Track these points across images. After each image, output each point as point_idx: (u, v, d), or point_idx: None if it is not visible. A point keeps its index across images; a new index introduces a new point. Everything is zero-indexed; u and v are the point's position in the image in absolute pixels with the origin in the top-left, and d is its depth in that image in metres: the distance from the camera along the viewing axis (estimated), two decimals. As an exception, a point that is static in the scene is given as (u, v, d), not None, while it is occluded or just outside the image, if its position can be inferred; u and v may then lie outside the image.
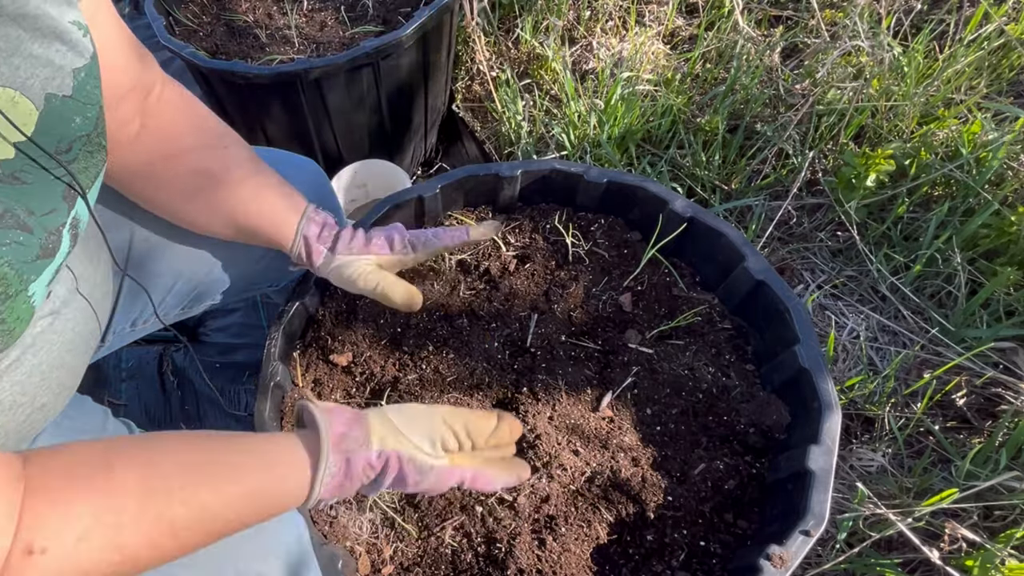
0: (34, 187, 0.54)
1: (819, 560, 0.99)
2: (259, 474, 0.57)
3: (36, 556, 0.44)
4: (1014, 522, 0.96)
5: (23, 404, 0.62)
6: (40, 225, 0.55)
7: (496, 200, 1.06)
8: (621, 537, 0.79)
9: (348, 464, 0.60)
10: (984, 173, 1.22)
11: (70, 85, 0.57)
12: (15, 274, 0.53)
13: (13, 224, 0.52)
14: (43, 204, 0.55)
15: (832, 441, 0.75)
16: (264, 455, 0.58)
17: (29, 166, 0.54)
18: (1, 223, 0.51)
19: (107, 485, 0.48)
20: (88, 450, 0.51)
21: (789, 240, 1.38)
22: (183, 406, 1.42)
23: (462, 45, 1.78)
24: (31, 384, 0.62)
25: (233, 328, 1.50)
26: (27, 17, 0.53)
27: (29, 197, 0.54)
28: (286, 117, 1.43)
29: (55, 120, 0.56)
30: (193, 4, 1.56)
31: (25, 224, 0.53)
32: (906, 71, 1.39)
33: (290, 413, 0.87)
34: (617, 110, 1.47)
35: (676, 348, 0.91)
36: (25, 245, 0.53)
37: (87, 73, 0.59)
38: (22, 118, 0.53)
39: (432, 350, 0.91)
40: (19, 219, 0.53)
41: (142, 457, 0.52)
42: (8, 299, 0.52)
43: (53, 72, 0.55)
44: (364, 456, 0.61)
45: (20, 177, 0.53)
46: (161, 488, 0.51)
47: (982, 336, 1.14)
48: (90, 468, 0.49)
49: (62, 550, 0.45)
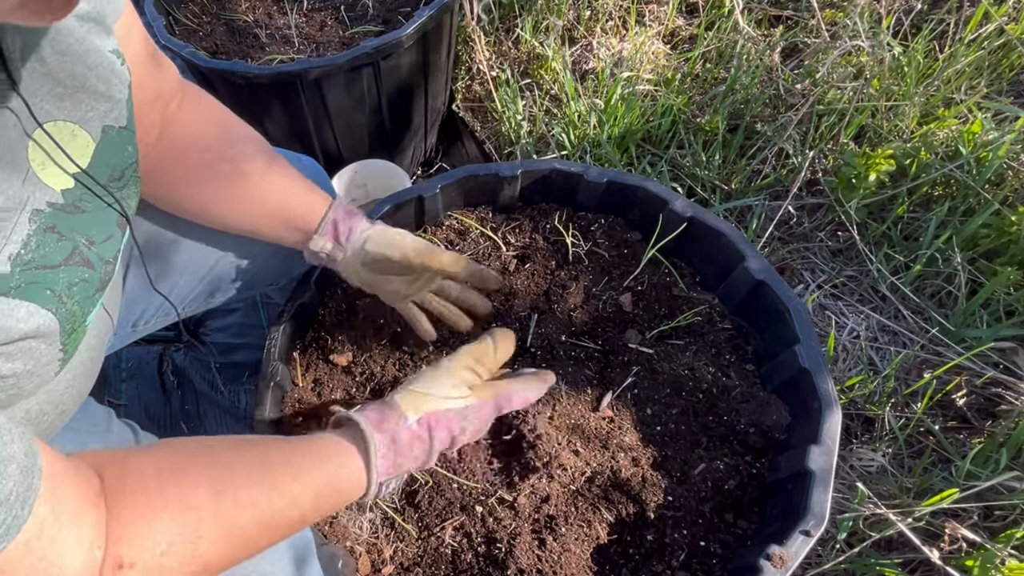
0: (93, 215, 0.57)
1: (819, 560, 0.99)
2: (316, 470, 0.59)
3: (126, 570, 0.47)
4: (1014, 522, 0.96)
5: (48, 412, 0.64)
6: (98, 257, 0.58)
7: (496, 200, 1.06)
8: (621, 537, 0.79)
9: (394, 442, 0.63)
10: (984, 173, 1.22)
11: (125, 116, 0.60)
12: (80, 310, 0.55)
13: (79, 262, 0.55)
14: (101, 232, 0.58)
15: (832, 441, 0.75)
16: (313, 452, 0.60)
17: (87, 195, 0.56)
18: (70, 262, 0.54)
19: (182, 500, 0.51)
20: (153, 461, 0.54)
21: (789, 240, 1.38)
22: (183, 406, 1.42)
23: (462, 45, 1.78)
24: (57, 393, 0.64)
25: (233, 328, 1.50)
26: (90, 54, 0.55)
27: (89, 225, 0.57)
28: (286, 117, 1.43)
29: (111, 150, 0.59)
30: (193, 4, 1.55)
31: (88, 260, 0.56)
32: (906, 71, 1.39)
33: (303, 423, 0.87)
34: (617, 110, 1.47)
35: (676, 348, 0.91)
36: (89, 282, 0.56)
37: (130, 101, 0.61)
38: (80, 150, 0.55)
39: (432, 350, 0.91)
40: (83, 256, 0.56)
41: (207, 467, 0.54)
42: (73, 333, 0.55)
43: (112, 106, 0.58)
44: (406, 430, 0.64)
45: (80, 206, 0.56)
46: (231, 496, 0.53)
47: (982, 336, 1.14)
48: (162, 483, 0.51)
49: (148, 564, 0.48)
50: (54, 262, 0.52)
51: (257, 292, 1.05)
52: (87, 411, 0.80)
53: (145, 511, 0.49)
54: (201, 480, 0.53)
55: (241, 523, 0.53)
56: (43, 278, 0.50)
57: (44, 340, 0.51)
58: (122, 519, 0.48)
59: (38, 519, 0.43)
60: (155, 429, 1.37)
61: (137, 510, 0.49)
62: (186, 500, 0.51)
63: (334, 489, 0.59)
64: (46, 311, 0.50)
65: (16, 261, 0.48)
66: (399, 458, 0.63)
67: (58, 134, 0.53)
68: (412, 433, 0.64)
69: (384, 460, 0.62)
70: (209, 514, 0.51)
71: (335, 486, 0.59)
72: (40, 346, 0.51)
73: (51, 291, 0.51)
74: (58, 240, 0.52)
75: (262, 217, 0.80)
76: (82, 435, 0.75)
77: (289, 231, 0.81)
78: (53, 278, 0.52)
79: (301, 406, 0.88)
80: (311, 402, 0.88)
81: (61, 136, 0.53)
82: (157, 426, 1.39)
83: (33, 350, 0.50)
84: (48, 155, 0.52)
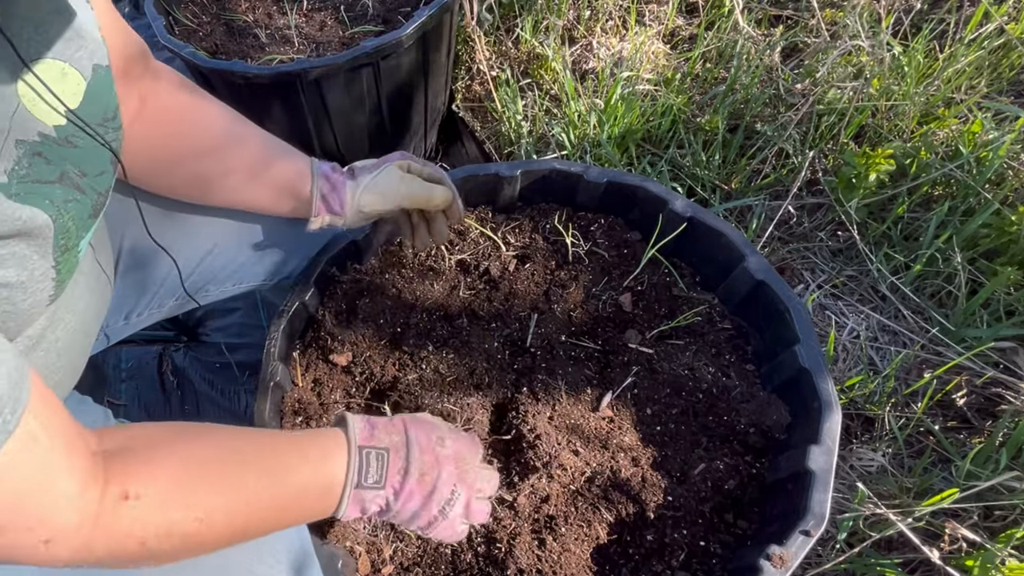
0: (84, 151, 0.59)
1: (819, 560, 0.99)
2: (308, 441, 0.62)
3: (131, 501, 0.47)
4: (1014, 522, 0.96)
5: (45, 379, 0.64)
6: (91, 187, 0.59)
7: (496, 200, 1.06)
8: (621, 537, 0.79)
9: (369, 421, 0.66)
10: (984, 173, 1.22)
11: (105, 55, 0.61)
12: (75, 228, 0.57)
13: (70, 185, 0.57)
14: (94, 166, 0.60)
15: (832, 441, 0.75)
16: (305, 433, 0.64)
17: (79, 133, 0.58)
18: (63, 183, 0.55)
19: (187, 452, 0.52)
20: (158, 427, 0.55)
21: (789, 240, 1.38)
22: (183, 406, 1.42)
23: (462, 45, 1.78)
24: (49, 361, 0.64)
25: (233, 328, 1.50)
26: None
27: (81, 159, 0.58)
28: (286, 117, 1.43)
29: (103, 89, 0.61)
30: (193, 4, 1.55)
31: (79, 185, 0.58)
32: (906, 71, 1.39)
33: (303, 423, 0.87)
34: (617, 110, 1.47)
35: (676, 348, 0.91)
36: (81, 203, 0.58)
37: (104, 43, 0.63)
38: (71, 88, 0.57)
39: (432, 350, 0.91)
40: (73, 181, 0.57)
41: (212, 434, 0.57)
42: (67, 251, 0.56)
43: (97, 45, 0.60)
44: (382, 419, 0.67)
45: (72, 142, 0.57)
46: (236, 458, 0.55)
47: (982, 336, 1.14)
48: (169, 437, 0.53)
49: (157, 498, 0.48)
50: (49, 178, 0.54)
51: (254, 286, 1.04)
52: (83, 410, 0.80)
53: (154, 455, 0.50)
54: (210, 443, 0.54)
55: (245, 483, 0.54)
56: (41, 190, 0.52)
57: (37, 247, 0.52)
58: (128, 462, 0.49)
59: (28, 432, 0.42)
60: (155, 429, 1.37)
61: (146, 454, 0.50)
62: (193, 454, 0.52)
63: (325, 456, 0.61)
64: (46, 215, 0.52)
65: (12, 175, 0.49)
66: (375, 431, 0.65)
67: (47, 72, 0.54)
68: (387, 421, 0.67)
69: (362, 428, 0.65)
70: (216, 468, 0.52)
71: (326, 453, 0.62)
72: (33, 255, 0.51)
73: (50, 201, 0.53)
74: (47, 163, 0.54)
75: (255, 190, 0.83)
76: None
77: (284, 199, 0.85)
78: (50, 191, 0.53)
79: (301, 406, 0.88)
80: (311, 402, 0.88)
81: (51, 74, 0.54)
82: (157, 426, 1.39)
83: (26, 259, 0.51)
84: (38, 93, 0.53)
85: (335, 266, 0.98)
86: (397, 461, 0.64)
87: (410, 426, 0.67)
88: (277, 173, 0.84)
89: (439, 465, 0.66)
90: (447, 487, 0.65)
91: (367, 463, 0.62)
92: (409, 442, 0.65)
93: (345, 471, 0.62)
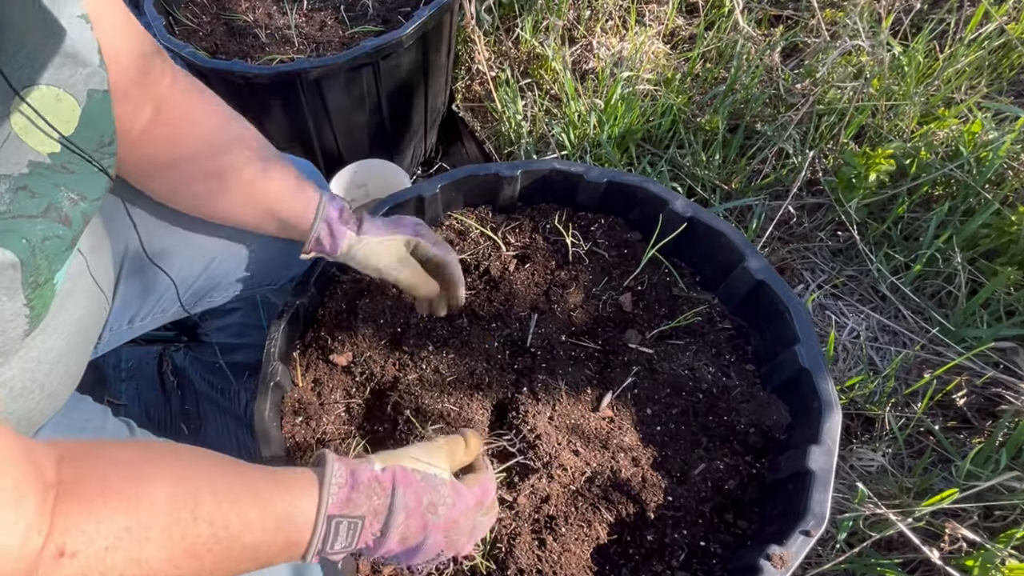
0: (83, 176, 0.59)
1: (819, 560, 0.99)
2: (276, 496, 0.56)
3: (66, 559, 0.45)
4: (1014, 522, 0.96)
5: (33, 391, 0.63)
6: (84, 213, 0.59)
7: (496, 200, 1.06)
8: (621, 537, 0.79)
9: (353, 475, 0.59)
10: (984, 173, 1.22)
11: (105, 80, 0.61)
12: (47, 265, 0.56)
13: (56, 218, 0.56)
14: (93, 190, 0.60)
15: (832, 441, 0.75)
16: (278, 481, 0.57)
17: (76, 159, 0.58)
18: (47, 216, 0.54)
19: (138, 498, 0.49)
20: (123, 455, 0.52)
21: (789, 240, 1.38)
22: (183, 406, 1.42)
23: (462, 45, 1.78)
24: (41, 371, 0.63)
25: (233, 328, 1.50)
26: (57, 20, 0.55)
27: (80, 184, 0.58)
28: (286, 117, 1.43)
29: (98, 114, 0.60)
30: (193, 4, 1.55)
31: (66, 217, 0.57)
32: (906, 71, 1.39)
33: (303, 423, 0.87)
34: (617, 110, 1.47)
35: (676, 348, 0.91)
36: (62, 239, 0.57)
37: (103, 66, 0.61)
38: (65, 114, 0.56)
39: (432, 350, 0.91)
40: (61, 212, 0.56)
41: (174, 473, 0.52)
42: (39, 287, 0.55)
43: (92, 70, 0.59)
44: (368, 469, 0.61)
45: (69, 168, 0.57)
46: (189, 507, 0.51)
47: (982, 336, 1.14)
48: (124, 477, 0.50)
49: (90, 557, 0.46)
50: (31, 213, 0.53)
51: (257, 291, 1.04)
52: (82, 408, 0.80)
53: (98, 501, 0.47)
54: (163, 481, 0.50)
55: (192, 537, 0.50)
56: (19, 227, 0.52)
57: (4, 288, 0.51)
58: (71, 511, 0.46)
59: None
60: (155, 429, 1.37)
61: (90, 499, 0.47)
62: (142, 498, 0.49)
63: (288, 517, 0.56)
64: (15, 256, 0.51)
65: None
66: (354, 493, 0.58)
67: (41, 99, 0.53)
68: (373, 474, 0.60)
69: (340, 491, 0.58)
70: (163, 520, 0.49)
71: (290, 513, 0.56)
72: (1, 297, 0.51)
73: (27, 240, 0.52)
74: (31, 197, 0.53)
75: (255, 217, 0.81)
76: (75, 433, 0.75)
77: (283, 231, 0.83)
78: (29, 228, 0.53)
79: (301, 406, 0.88)
80: (311, 402, 0.88)
81: (45, 101, 0.54)
82: (157, 426, 1.39)
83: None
84: (30, 121, 0.53)
85: (335, 266, 0.98)
86: (374, 525, 0.59)
87: (400, 485, 0.61)
88: (281, 207, 0.80)
89: (426, 531, 0.61)
90: (432, 551, 0.62)
91: (335, 532, 0.57)
92: (393, 507, 0.59)
93: (309, 537, 0.56)
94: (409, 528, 0.60)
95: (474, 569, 0.77)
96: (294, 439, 0.85)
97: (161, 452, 0.55)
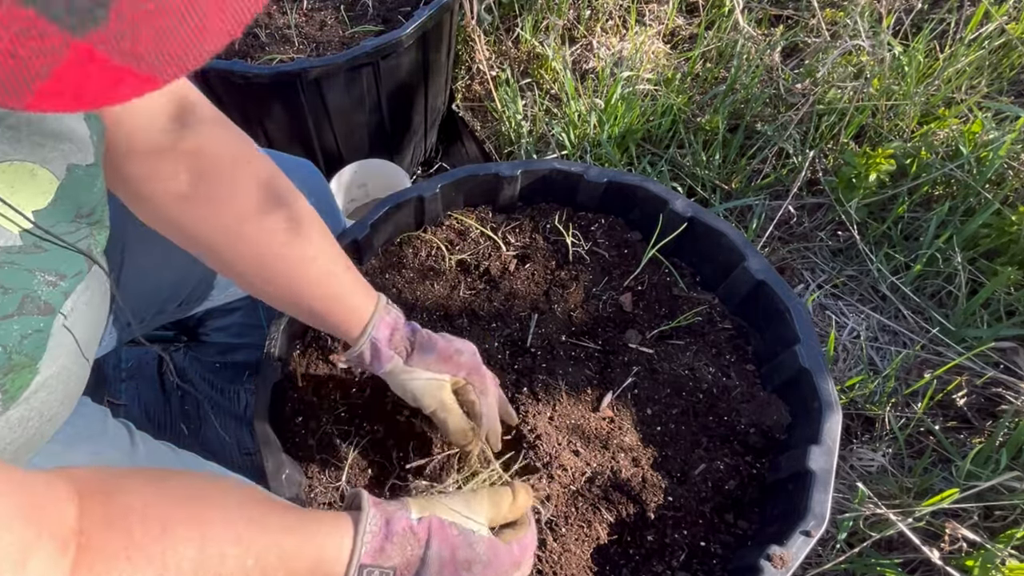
0: (56, 254, 0.54)
1: (819, 560, 0.99)
2: (307, 544, 0.54)
3: None
4: (1014, 522, 0.96)
5: (32, 419, 0.61)
6: (63, 294, 0.54)
7: (496, 200, 1.06)
8: (621, 537, 0.79)
9: (388, 524, 0.57)
10: (984, 172, 1.22)
11: (92, 153, 0.57)
12: (27, 359, 0.52)
13: (34, 310, 0.51)
14: (71, 267, 0.56)
15: (832, 441, 0.75)
16: (309, 520, 0.56)
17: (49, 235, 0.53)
18: (23, 312, 0.50)
19: (164, 559, 0.47)
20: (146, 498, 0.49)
21: (789, 240, 1.38)
22: (183, 406, 1.42)
23: (462, 45, 1.78)
24: (38, 399, 0.61)
25: (233, 328, 1.50)
26: None
27: (55, 263, 0.54)
28: (286, 117, 1.43)
29: (79, 188, 0.56)
30: (193, 4, 1.55)
31: (45, 305, 0.53)
32: (907, 70, 1.39)
33: (303, 423, 0.87)
34: (617, 109, 1.47)
35: (676, 348, 0.91)
36: (43, 331, 0.53)
37: (98, 135, 0.58)
38: (41, 187, 0.52)
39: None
40: (39, 302, 0.52)
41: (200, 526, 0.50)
42: (11, 372, 0.52)
43: (78, 145, 0.55)
44: (404, 517, 0.59)
45: (41, 246, 0.53)
46: (214, 569, 0.49)
47: (982, 336, 1.14)
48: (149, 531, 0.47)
49: None
50: (7, 312, 0.49)
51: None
52: (81, 411, 0.79)
53: (122, 558, 0.45)
54: (190, 538, 0.48)
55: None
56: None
57: None
58: (95, 567, 0.44)
59: None
60: (155, 429, 1.37)
61: (115, 559, 0.45)
62: (168, 559, 0.47)
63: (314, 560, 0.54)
64: None
65: None
66: (389, 544, 0.57)
67: (14, 174, 0.50)
68: (409, 524, 0.58)
69: (373, 540, 0.56)
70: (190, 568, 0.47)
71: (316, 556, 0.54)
72: None
73: (2, 348, 0.49)
74: (3, 294, 0.49)
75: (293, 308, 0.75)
76: (75, 436, 0.74)
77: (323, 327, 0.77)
78: (5, 331, 0.49)
79: (301, 406, 0.88)
80: (311, 402, 0.88)
81: (18, 176, 0.50)
82: (157, 426, 1.39)
83: None
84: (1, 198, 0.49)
85: (335, 266, 0.98)
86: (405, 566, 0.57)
87: (435, 537, 0.59)
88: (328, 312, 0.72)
89: None
90: None
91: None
92: (427, 560, 0.57)
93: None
94: (439, 565, 0.58)
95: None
96: (294, 439, 0.85)
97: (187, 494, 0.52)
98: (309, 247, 0.70)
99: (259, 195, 0.69)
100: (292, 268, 0.70)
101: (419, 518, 0.59)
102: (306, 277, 0.71)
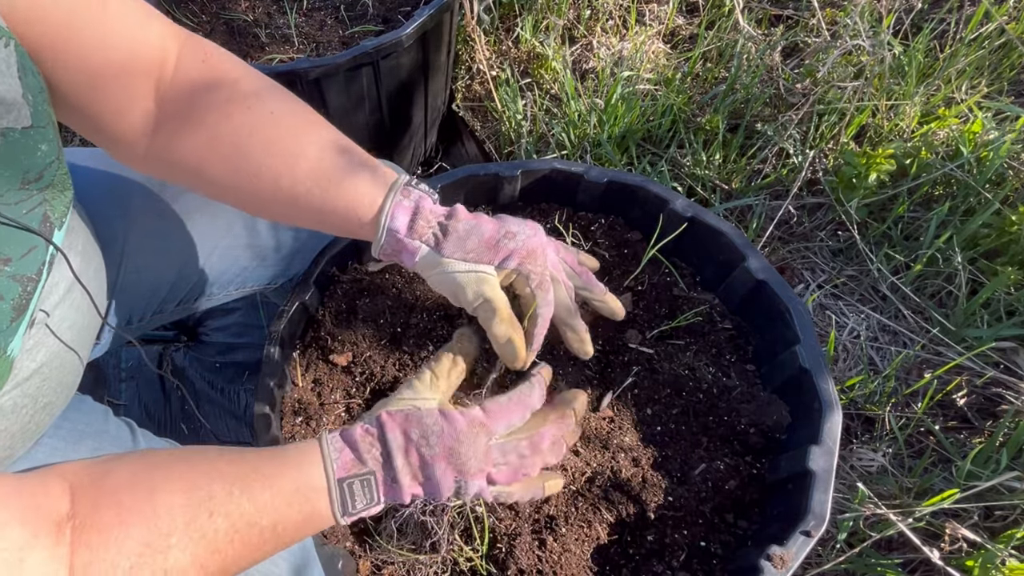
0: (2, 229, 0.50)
1: (819, 560, 0.99)
2: (284, 474, 0.57)
3: None
4: (1015, 522, 0.96)
5: (26, 406, 0.62)
6: (12, 277, 0.51)
7: (496, 200, 1.06)
8: (621, 537, 0.79)
9: (345, 435, 0.61)
10: (985, 172, 1.22)
11: (28, 115, 0.52)
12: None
13: None
14: (19, 247, 0.52)
15: (833, 441, 0.75)
16: (284, 460, 0.58)
17: None
18: None
19: (155, 510, 0.49)
20: (132, 473, 0.51)
21: (789, 240, 1.38)
22: (183, 406, 1.42)
23: (462, 45, 1.78)
24: (32, 386, 0.61)
25: (233, 328, 1.50)
26: None
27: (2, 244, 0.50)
28: (286, 117, 1.43)
29: (17, 154, 0.51)
30: (193, 4, 1.55)
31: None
32: (907, 70, 1.39)
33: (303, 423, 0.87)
34: (617, 109, 1.47)
35: (676, 348, 0.91)
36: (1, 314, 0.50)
37: (35, 93, 0.53)
38: None
39: (432, 350, 0.91)
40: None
41: (184, 477, 0.52)
42: None
43: (7, 107, 0.50)
44: (359, 426, 0.62)
45: None
46: (204, 505, 0.51)
47: (983, 336, 1.14)
48: (137, 495, 0.49)
49: None
50: None
51: (258, 289, 1.04)
52: (83, 409, 0.79)
53: (115, 525, 0.47)
54: (176, 487, 0.51)
55: (212, 533, 0.51)
56: None
57: None
58: (91, 542, 0.46)
59: None
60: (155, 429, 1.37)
61: (108, 528, 0.47)
62: (159, 508, 0.49)
63: (302, 494, 0.56)
64: None
65: None
66: (355, 452, 0.59)
67: None
68: (363, 429, 0.61)
69: (340, 455, 0.58)
70: (181, 524, 0.49)
71: (303, 491, 0.57)
72: None
73: None
74: None
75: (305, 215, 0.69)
76: (76, 434, 0.75)
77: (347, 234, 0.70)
78: None
79: (301, 406, 0.88)
80: (311, 402, 0.88)
81: None
82: (157, 426, 1.39)
83: None
84: None
85: (335, 266, 0.98)
86: (383, 475, 0.59)
87: (386, 428, 0.61)
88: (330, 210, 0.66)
89: (429, 464, 0.60)
90: (446, 481, 0.60)
91: (351, 493, 0.58)
92: (389, 452, 0.59)
93: (328, 504, 0.57)
94: (412, 466, 0.60)
95: (474, 570, 0.77)
96: (294, 439, 0.85)
97: (168, 457, 0.55)
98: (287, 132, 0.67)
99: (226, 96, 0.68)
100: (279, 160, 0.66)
101: (372, 419, 0.62)
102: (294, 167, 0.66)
